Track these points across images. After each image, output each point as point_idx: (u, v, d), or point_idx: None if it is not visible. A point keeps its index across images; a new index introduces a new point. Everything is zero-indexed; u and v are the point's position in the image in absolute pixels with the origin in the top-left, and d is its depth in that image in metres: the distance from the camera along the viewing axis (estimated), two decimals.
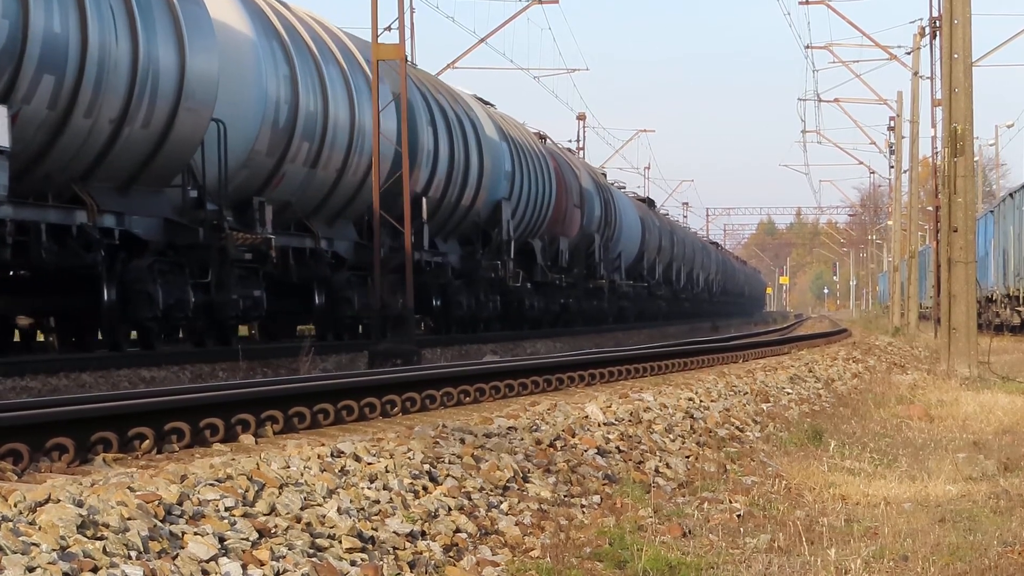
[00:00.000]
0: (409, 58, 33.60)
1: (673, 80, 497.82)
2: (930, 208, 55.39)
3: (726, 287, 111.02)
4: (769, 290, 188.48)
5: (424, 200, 31.51)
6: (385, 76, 29.24)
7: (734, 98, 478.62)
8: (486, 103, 42.18)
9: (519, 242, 40.97)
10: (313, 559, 6.25)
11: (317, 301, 27.94)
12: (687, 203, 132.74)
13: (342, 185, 27.75)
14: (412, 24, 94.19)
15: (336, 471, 7.68)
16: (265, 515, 6.64)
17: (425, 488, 7.93)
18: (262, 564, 6.00)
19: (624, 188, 69.16)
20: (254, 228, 23.91)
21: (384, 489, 7.62)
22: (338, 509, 6.98)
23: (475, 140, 36.57)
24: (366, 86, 28.52)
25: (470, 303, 36.37)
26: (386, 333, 28.25)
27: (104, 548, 5.49)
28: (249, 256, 23.57)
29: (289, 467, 7.48)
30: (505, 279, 38.32)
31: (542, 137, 49.63)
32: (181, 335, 24.93)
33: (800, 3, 51.00)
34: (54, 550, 5.34)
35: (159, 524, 5.96)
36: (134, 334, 22.10)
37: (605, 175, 63.76)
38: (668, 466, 10.68)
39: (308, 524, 6.69)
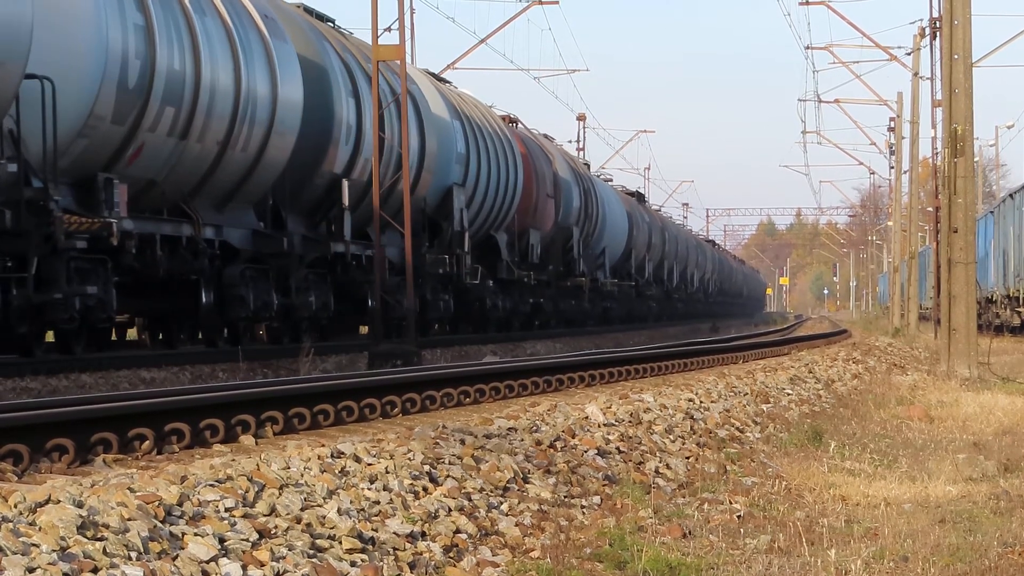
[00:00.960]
0: (409, 59, 33.54)
1: (673, 81, 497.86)
2: (930, 209, 55.40)
3: (723, 287, 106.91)
4: (769, 291, 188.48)
5: (345, 183, 27.13)
6: (284, 32, 25.39)
7: (734, 99, 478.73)
8: (442, 80, 38.65)
9: (479, 235, 37.23)
10: (313, 560, 6.25)
11: (204, 300, 23.11)
12: (687, 204, 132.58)
13: (227, 162, 22.85)
14: (412, 25, 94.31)
15: (336, 472, 7.68)
16: (265, 516, 6.64)
17: (425, 489, 7.93)
18: (262, 565, 6.00)
19: (611, 181, 65.69)
20: (99, 211, 19.35)
21: (384, 490, 7.62)
22: (338, 510, 6.98)
23: (415, 117, 31.67)
24: (260, 45, 23.79)
25: (424, 303, 32.11)
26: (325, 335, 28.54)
27: (104, 549, 5.49)
28: (84, 244, 19.02)
29: (289, 468, 7.48)
30: (460, 275, 33.73)
31: (512, 120, 45.00)
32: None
33: (800, 4, 51.03)
34: (54, 551, 5.34)
35: (159, 525, 5.96)
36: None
37: (588, 166, 59.55)
38: (668, 467, 10.68)
39: (308, 525, 6.69)
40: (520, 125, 45.63)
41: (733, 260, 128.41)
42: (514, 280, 39.68)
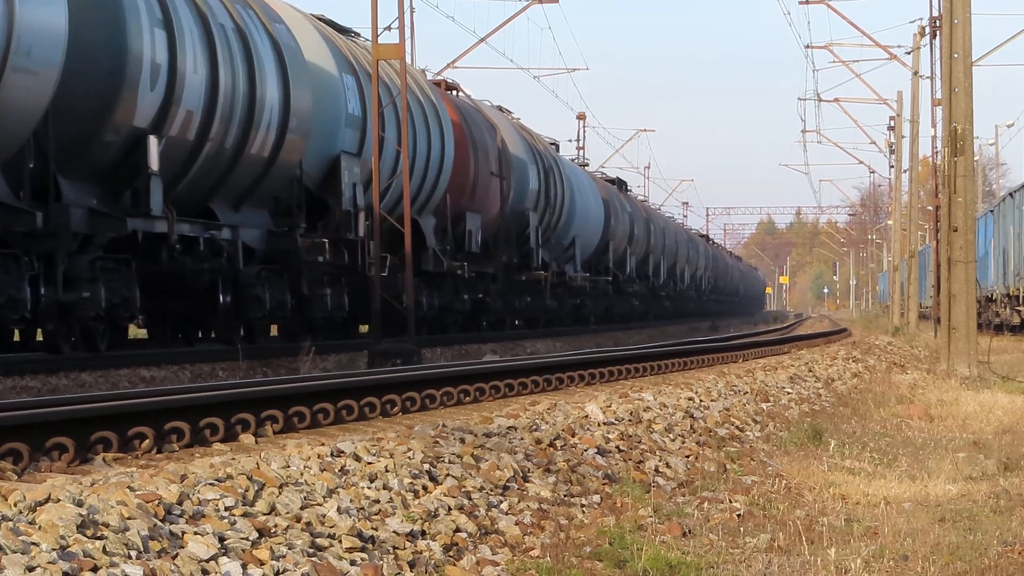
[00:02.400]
0: (409, 59, 33.46)
1: (673, 80, 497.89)
2: (930, 208, 55.41)
3: (718, 284, 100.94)
4: (769, 290, 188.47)
5: (152, 140, 20.01)
6: None
7: (734, 98, 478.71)
8: (344, 31, 31.23)
9: (394, 217, 29.23)
10: (313, 558, 6.25)
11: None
12: (687, 202, 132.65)
13: None
14: (412, 24, 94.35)
15: (336, 471, 7.68)
16: (265, 515, 6.64)
17: (425, 488, 7.93)
18: (262, 563, 6.00)
19: (587, 165, 59.69)
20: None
21: (384, 489, 7.62)
22: (338, 508, 6.98)
23: (275, 62, 23.84)
24: None
25: (281, 299, 24.46)
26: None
27: (104, 548, 5.49)
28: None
29: (289, 467, 7.48)
30: (363, 266, 27.37)
31: (451, 88, 38.82)
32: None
33: (800, 3, 50.99)
34: (54, 549, 5.34)
35: (159, 523, 5.96)
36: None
37: (557, 147, 51.52)
38: (668, 465, 10.68)
39: (308, 523, 6.69)
40: (460, 93, 39.10)
41: (729, 256, 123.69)
42: (442, 272, 32.92)
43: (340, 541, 6.63)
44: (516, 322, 43.39)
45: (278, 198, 24.98)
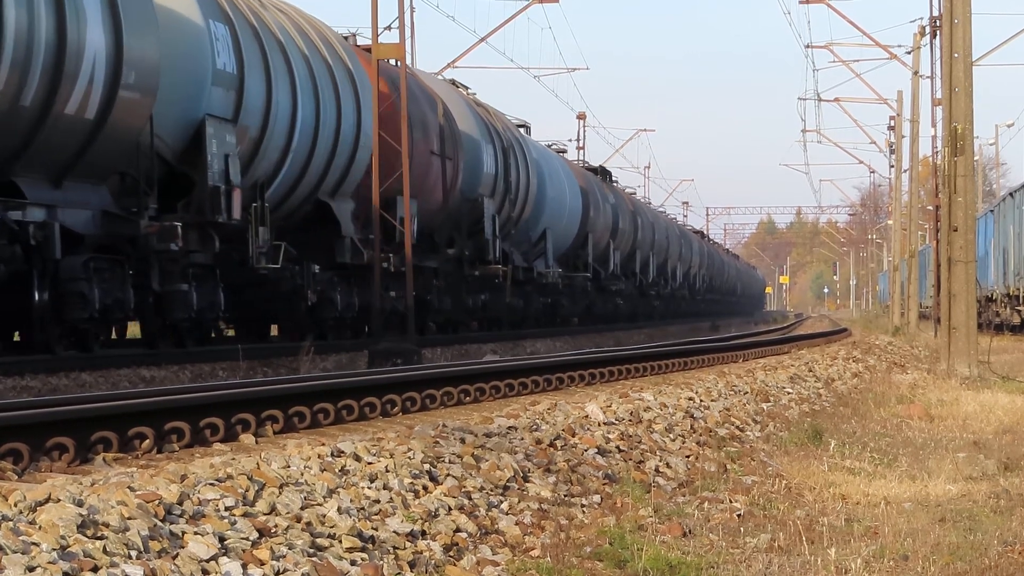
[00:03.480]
0: (409, 58, 33.35)
1: (673, 79, 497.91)
2: (930, 207, 55.41)
3: (713, 283, 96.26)
4: (769, 289, 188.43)
5: None
6: None
7: (734, 97, 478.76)
8: None
9: (291, 200, 25.25)
10: (313, 558, 6.25)
11: None
12: (687, 202, 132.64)
13: None
14: (412, 23, 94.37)
15: (336, 471, 7.68)
16: (265, 515, 6.64)
17: (425, 488, 7.93)
18: (262, 563, 6.00)
19: (564, 152, 53.97)
20: None
21: (384, 489, 7.62)
22: (338, 508, 6.98)
23: (100, 1, 18.57)
24: None
25: (120, 297, 19.52)
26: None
27: (104, 548, 5.49)
28: None
29: (289, 467, 7.48)
30: (253, 258, 22.98)
31: (366, 49, 31.05)
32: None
33: (800, 2, 50.99)
34: (54, 549, 5.34)
35: (159, 524, 5.96)
36: None
37: (528, 129, 46.34)
38: (668, 465, 10.68)
39: (308, 524, 6.69)
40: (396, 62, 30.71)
41: (726, 254, 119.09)
42: (364, 265, 27.72)
43: (340, 541, 6.63)
44: (474, 324, 38.36)
45: (125, 173, 20.03)
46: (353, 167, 27.56)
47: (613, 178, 61.18)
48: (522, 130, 45.24)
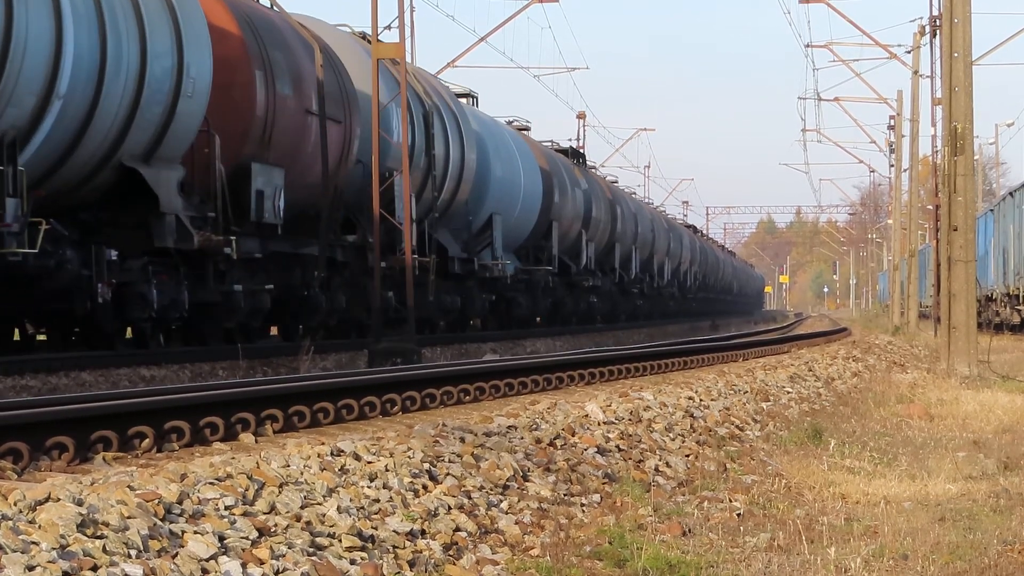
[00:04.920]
0: (409, 57, 33.11)
1: (673, 79, 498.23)
2: (930, 207, 55.42)
3: (707, 281, 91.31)
4: (768, 289, 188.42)
5: None
6: None
7: (734, 97, 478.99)
8: None
9: (71, 164, 19.08)
10: (313, 558, 6.25)
11: None
12: (687, 201, 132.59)
13: None
14: (412, 23, 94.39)
15: (336, 470, 7.68)
16: (265, 514, 6.64)
17: (425, 487, 7.94)
18: (262, 563, 6.00)
19: (528, 130, 47.07)
20: None
21: (384, 488, 7.62)
22: (338, 508, 6.98)
23: None
24: None
25: None
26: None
27: (104, 547, 5.49)
28: None
29: (289, 466, 7.48)
30: None
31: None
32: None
33: (800, 2, 50.98)
34: (54, 549, 5.35)
35: (159, 523, 5.96)
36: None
37: (475, 100, 41.14)
38: (668, 465, 10.68)
39: (308, 523, 6.69)
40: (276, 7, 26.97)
41: (721, 251, 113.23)
42: (199, 252, 21.66)
43: (340, 540, 6.64)
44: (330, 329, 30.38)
45: None
46: (175, 124, 20.73)
47: (589, 162, 56.01)
48: (467, 99, 39.69)
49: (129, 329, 22.07)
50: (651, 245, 64.94)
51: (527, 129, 46.93)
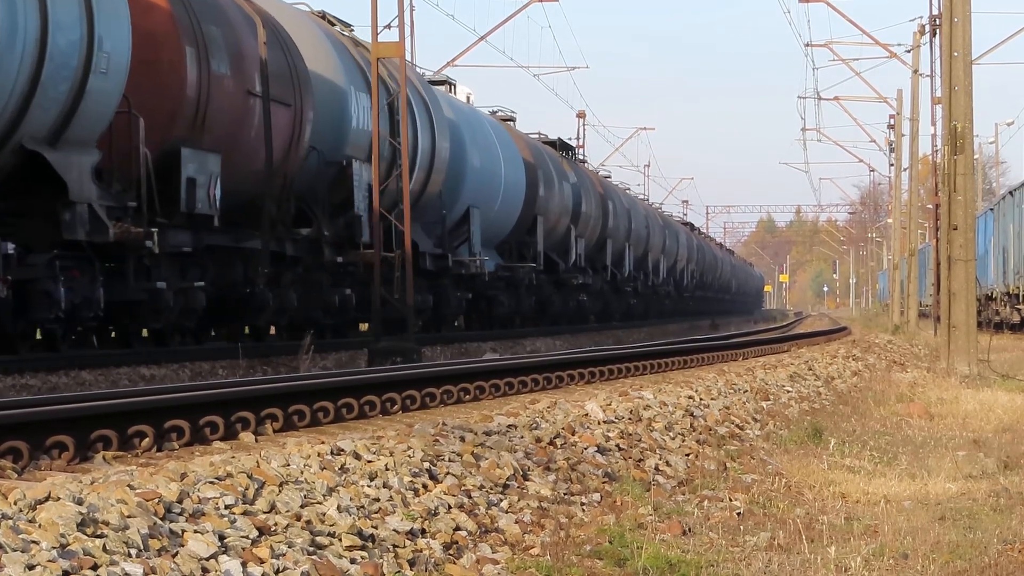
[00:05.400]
0: (409, 56, 32.94)
1: (673, 78, 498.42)
2: (930, 206, 55.41)
3: (704, 280, 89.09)
4: (768, 288, 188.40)
5: None
6: None
7: (734, 96, 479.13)
8: None
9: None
10: (313, 557, 6.24)
11: None
12: (687, 200, 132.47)
13: None
14: (412, 22, 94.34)
15: (336, 469, 7.68)
16: (265, 513, 6.64)
17: (425, 486, 7.93)
18: (262, 562, 6.00)
19: (511, 121, 44.39)
20: None
21: (384, 487, 7.62)
22: (338, 507, 6.98)
23: None
24: None
25: None
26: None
27: (104, 546, 5.49)
28: None
29: (289, 465, 7.48)
30: None
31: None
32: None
33: (800, 1, 50.98)
34: (54, 548, 5.34)
35: (159, 522, 5.96)
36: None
37: (451, 87, 39.86)
38: (668, 464, 10.68)
39: (308, 522, 6.69)
40: None
41: (719, 249, 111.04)
42: (111, 247, 19.40)
43: (340, 539, 6.63)
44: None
45: None
46: (86, 103, 18.41)
47: (578, 155, 53.30)
48: (445, 86, 37.52)
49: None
50: (646, 242, 62.87)
51: (512, 120, 44.67)
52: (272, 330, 27.67)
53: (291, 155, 24.76)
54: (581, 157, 54.96)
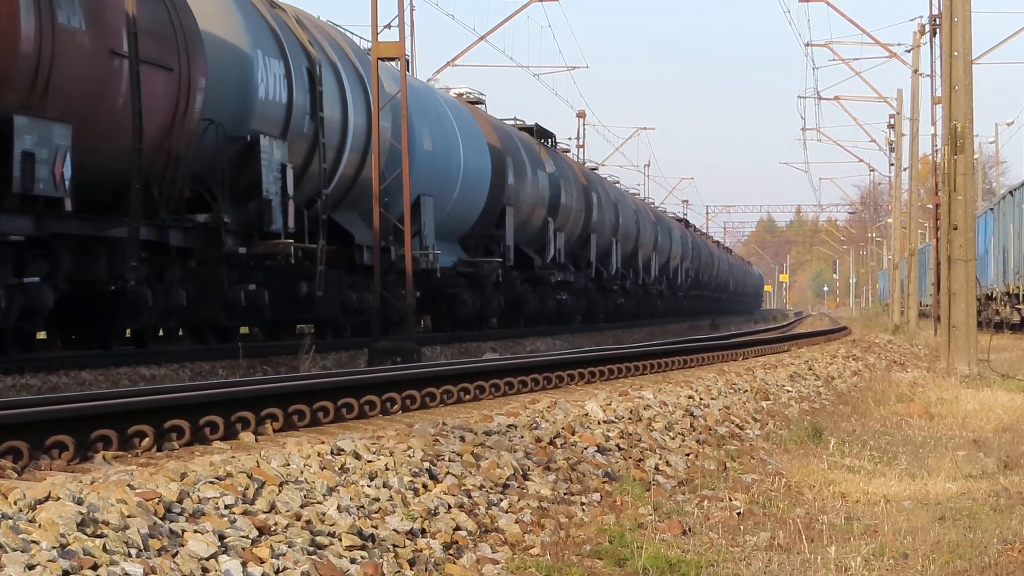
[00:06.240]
0: (409, 56, 32.67)
1: (673, 78, 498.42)
2: (930, 206, 55.41)
3: (700, 279, 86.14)
4: (768, 288, 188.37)
5: None
6: None
7: (734, 95, 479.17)
8: None
9: None
10: (313, 557, 6.24)
11: None
12: (687, 200, 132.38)
13: None
14: (412, 22, 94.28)
15: (336, 469, 7.68)
16: (265, 513, 6.64)
17: (425, 486, 7.93)
18: (262, 562, 6.00)
19: (481, 103, 41.12)
20: None
21: (384, 487, 7.62)
22: (338, 507, 6.98)
23: None
24: None
25: None
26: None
27: (104, 546, 5.49)
28: None
29: (289, 465, 7.48)
30: None
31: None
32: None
33: (800, 1, 50.94)
34: (54, 548, 5.34)
35: (159, 522, 5.96)
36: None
37: (409, 65, 31.24)
38: (668, 464, 10.68)
39: (308, 522, 6.69)
40: None
41: (716, 247, 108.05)
42: None
43: (340, 539, 6.63)
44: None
45: None
46: None
47: (559, 143, 49.66)
48: (398, 64, 29.84)
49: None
50: (635, 238, 59.75)
51: (480, 103, 41.16)
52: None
53: (177, 129, 20.91)
54: (564, 147, 52.13)
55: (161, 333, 24.94)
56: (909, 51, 52.35)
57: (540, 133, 46.37)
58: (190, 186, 22.06)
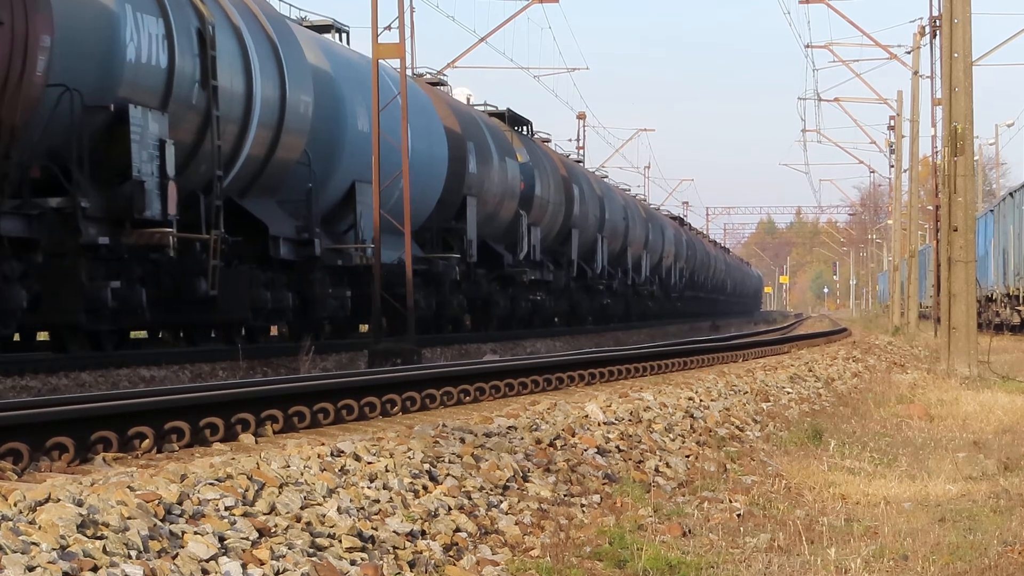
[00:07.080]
0: (409, 58, 32.55)
1: (673, 79, 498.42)
2: (930, 207, 55.42)
3: (695, 279, 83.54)
4: (768, 289, 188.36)
5: None
6: None
7: (734, 97, 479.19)
8: None
9: None
10: (313, 558, 6.24)
11: None
12: (687, 202, 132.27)
13: None
14: (412, 23, 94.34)
15: (336, 470, 7.68)
16: (265, 514, 6.64)
17: (425, 487, 7.93)
18: (262, 563, 6.00)
19: (441, 85, 37.83)
20: None
21: (384, 488, 7.62)
22: (338, 508, 6.98)
23: None
24: None
25: None
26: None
27: (104, 547, 5.49)
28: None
29: (289, 466, 7.48)
30: None
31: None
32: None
33: (800, 2, 50.97)
34: (54, 549, 5.34)
35: (159, 523, 5.96)
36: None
37: (345, 37, 30.99)
38: (668, 465, 10.68)
39: (308, 523, 6.69)
40: None
41: (713, 246, 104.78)
42: None
43: (340, 541, 6.63)
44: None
45: None
46: None
47: (539, 132, 46.03)
48: (334, 35, 29.47)
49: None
50: (624, 236, 56.24)
51: (441, 84, 37.71)
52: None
53: (11, 95, 17.00)
54: (543, 136, 48.06)
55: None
56: (909, 53, 52.37)
57: (513, 119, 42.31)
58: (43, 164, 18.58)
